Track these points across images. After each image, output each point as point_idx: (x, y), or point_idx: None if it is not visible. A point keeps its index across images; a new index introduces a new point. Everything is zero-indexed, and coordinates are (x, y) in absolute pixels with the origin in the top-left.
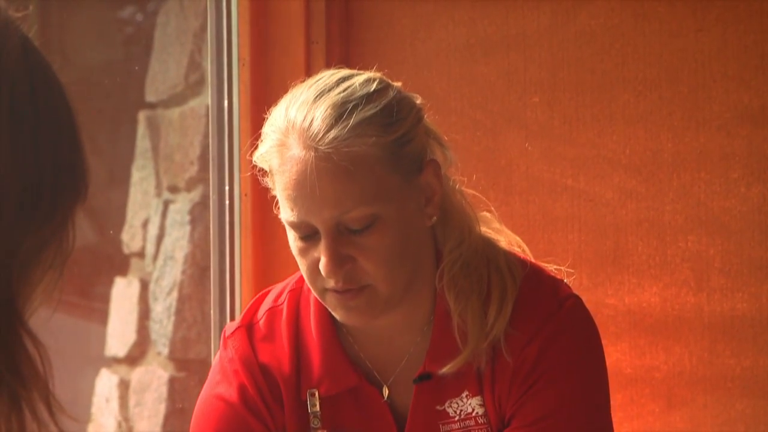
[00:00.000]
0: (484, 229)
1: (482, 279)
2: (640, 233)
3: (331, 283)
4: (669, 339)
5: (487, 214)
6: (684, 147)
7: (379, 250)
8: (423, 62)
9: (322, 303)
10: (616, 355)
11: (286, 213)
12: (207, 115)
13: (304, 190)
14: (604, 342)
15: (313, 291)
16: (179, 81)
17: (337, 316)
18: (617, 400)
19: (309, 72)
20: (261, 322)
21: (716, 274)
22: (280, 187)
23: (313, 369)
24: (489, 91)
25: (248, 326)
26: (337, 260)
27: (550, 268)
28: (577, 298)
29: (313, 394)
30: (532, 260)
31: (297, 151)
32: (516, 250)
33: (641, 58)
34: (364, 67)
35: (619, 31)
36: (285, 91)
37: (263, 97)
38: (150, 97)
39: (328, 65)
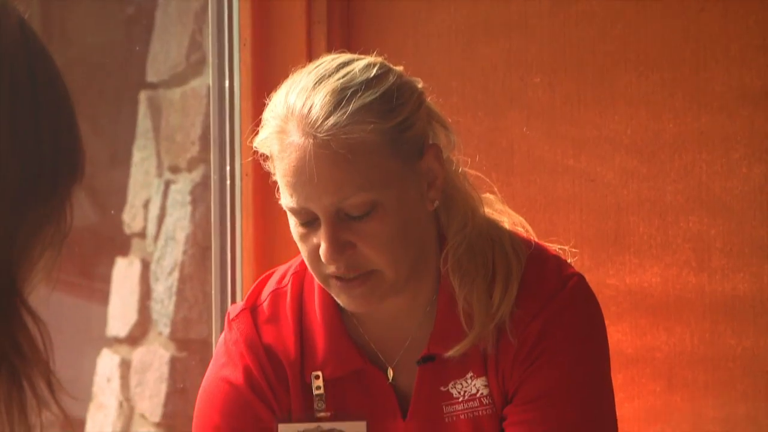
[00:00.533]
0: (487, 211)
1: (487, 261)
2: (642, 214)
3: (332, 269)
4: (670, 319)
5: (490, 196)
6: (685, 127)
7: (380, 236)
8: (424, 43)
9: (326, 289)
10: (617, 336)
11: (286, 199)
12: (208, 96)
13: (303, 176)
14: (605, 322)
15: (315, 277)
16: (180, 61)
17: (340, 302)
18: (618, 380)
19: (310, 52)
20: (265, 305)
21: (717, 254)
22: (280, 173)
23: (317, 351)
24: (490, 71)
25: (252, 308)
26: (337, 246)
27: (554, 247)
28: (581, 277)
29: (317, 377)
30: (536, 240)
31: (296, 137)
32: (519, 230)
33: (643, 39)
34: (366, 48)
35: (620, 11)
36: (286, 71)
37: (264, 77)
38: (151, 77)
39: (330, 46)
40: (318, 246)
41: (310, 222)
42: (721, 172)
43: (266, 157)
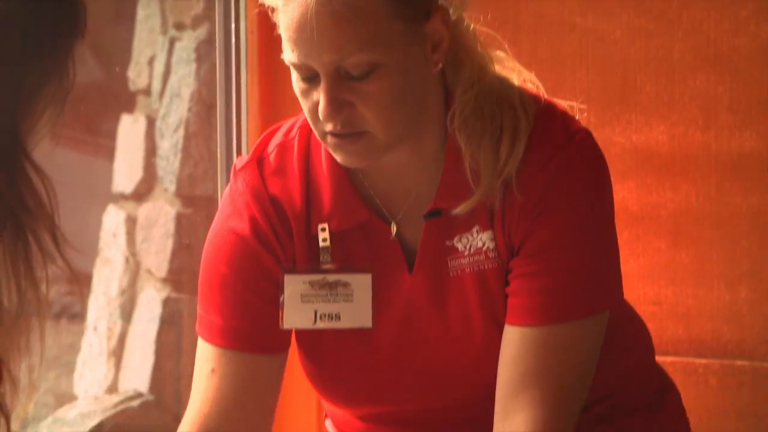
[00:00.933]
0: (497, 68)
1: (495, 119)
2: (649, 71)
3: (329, 127)
4: (676, 177)
5: (501, 53)
6: None
7: (379, 98)
8: None
9: (324, 145)
10: (622, 193)
11: (288, 54)
12: None
13: (304, 33)
14: (611, 178)
15: (315, 133)
16: None
17: (337, 158)
18: (623, 237)
19: None
20: (271, 157)
21: (724, 112)
22: (283, 28)
23: (323, 204)
24: None
25: (259, 160)
26: (335, 105)
27: (564, 104)
28: (588, 132)
29: (323, 229)
30: (546, 96)
31: None
32: (529, 86)
33: None
34: None
35: None
36: None
37: None
38: None
39: None
40: (318, 103)
41: (311, 78)
42: (729, 30)
43: (273, 9)
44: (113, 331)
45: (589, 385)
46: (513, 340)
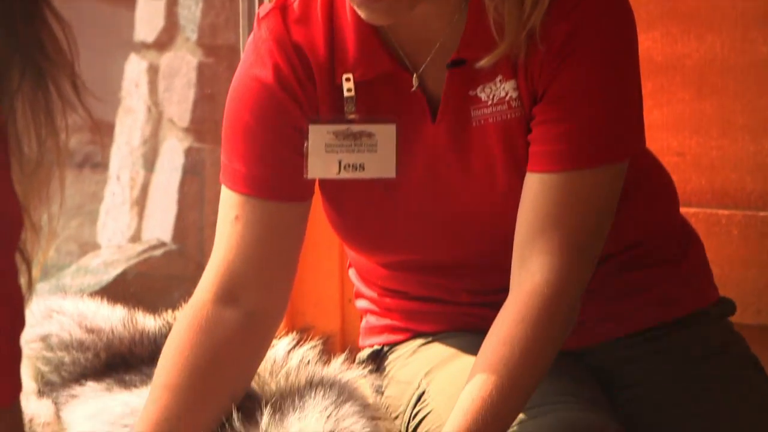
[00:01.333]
0: None
1: None
2: None
3: None
4: (702, 26)
5: None
6: None
7: None
8: None
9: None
10: (647, 43)
11: None
12: None
13: None
14: (636, 27)
15: None
16: None
17: (361, 14)
18: (647, 87)
19: None
20: (295, 5)
21: None
22: None
23: (348, 54)
24: None
25: (282, 7)
26: None
27: None
28: None
29: (348, 79)
30: None
31: None
32: None
33: None
34: None
35: None
36: None
37: None
38: None
39: None
40: None
41: None
42: None
43: None
44: (136, 181)
45: (606, 234)
46: (532, 186)
